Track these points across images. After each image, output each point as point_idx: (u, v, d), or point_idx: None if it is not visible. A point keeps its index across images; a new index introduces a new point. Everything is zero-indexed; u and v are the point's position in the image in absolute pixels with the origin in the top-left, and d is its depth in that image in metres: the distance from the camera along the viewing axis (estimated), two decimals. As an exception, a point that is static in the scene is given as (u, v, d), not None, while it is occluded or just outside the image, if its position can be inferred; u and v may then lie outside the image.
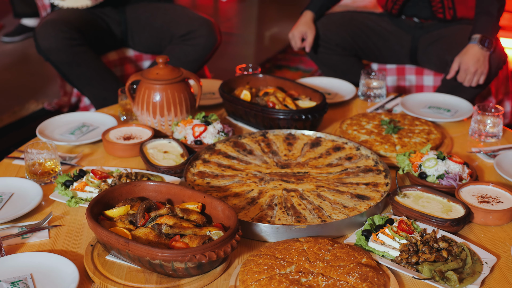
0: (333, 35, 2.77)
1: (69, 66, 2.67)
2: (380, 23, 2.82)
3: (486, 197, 1.71)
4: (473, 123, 2.14)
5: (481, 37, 2.44)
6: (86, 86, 2.75)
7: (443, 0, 2.70)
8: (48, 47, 2.62)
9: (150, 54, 3.06)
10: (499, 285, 1.41)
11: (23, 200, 1.72)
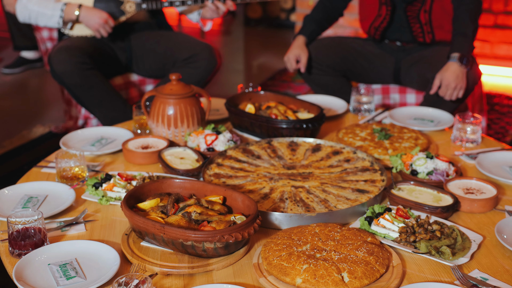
0: (324, 57, 3.00)
1: (81, 88, 2.86)
2: (366, 46, 3.06)
3: (470, 189, 1.92)
4: (455, 130, 2.37)
5: (460, 55, 2.69)
6: (96, 107, 2.94)
7: (422, 26, 2.95)
8: (63, 71, 2.81)
9: (153, 78, 3.27)
10: (485, 259, 1.62)
11: (57, 200, 1.89)
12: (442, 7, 2.92)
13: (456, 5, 2.83)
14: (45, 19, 2.97)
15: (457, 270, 1.54)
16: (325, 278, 1.45)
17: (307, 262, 1.50)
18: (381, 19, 2.98)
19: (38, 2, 2.95)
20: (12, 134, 3.52)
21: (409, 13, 2.93)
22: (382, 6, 2.96)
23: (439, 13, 2.93)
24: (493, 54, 4.78)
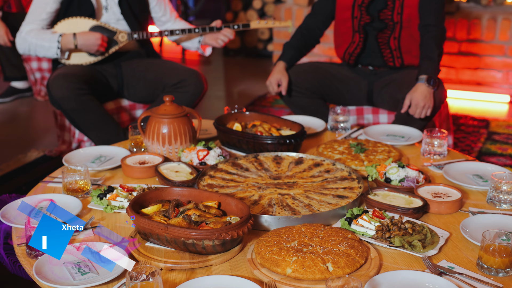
0: (302, 81, 3.21)
1: (78, 112, 3.03)
2: (341, 71, 3.29)
3: (438, 193, 2.13)
4: (424, 144, 2.58)
5: (427, 77, 2.92)
6: (91, 130, 3.10)
7: (392, 51, 3.18)
8: (61, 96, 2.98)
9: (143, 103, 3.45)
10: (452, 251, 1.81)
11: (66, 209, 2.04)
12: (410, 34, 3.16)
13: (423, 32, 3.07)
14: (44, 50, 3.14)
15: (427, 260, 1.74)
16: (312, 268, 1.63)
17: (296, 255, 1.68)
18: (354, 46, 3.21)
19: (36, 34, 3.13)
20: (8, 158, 3.66)
21: (380, 40, 3.16)
22: (355, 34, 3.19)
23: (407, 40, 3.17)
24: (458, 79, 5.04)
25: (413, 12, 3.10)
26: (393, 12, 3.11)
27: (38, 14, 3.18)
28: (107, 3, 3.27)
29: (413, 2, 3.08)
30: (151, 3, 3.42)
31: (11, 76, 4.82)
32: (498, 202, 2.11)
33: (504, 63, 4.91)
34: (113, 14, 3.29)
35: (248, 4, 6.26)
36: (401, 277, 1.65)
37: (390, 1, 3.10)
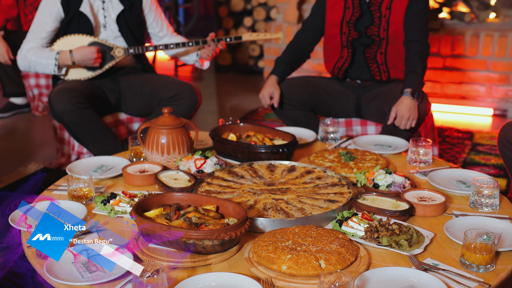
0: (294, 94, 3.32)
1: (78, 125, 3.13)
2: (330, 84, 3.41)
3: (423, 197, 2.24)
4: (410, 153, 2.69)
5: (412, 90, 3.04)
6: (91, 142, 3.20)
7: (379, 66, 3.31)
8: (62, 110, 3.08)
9: (140, 117, 3.55)
10: (436, 250, 1.92)
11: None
12: (396, 49, 3.29)
13: (408, 48, 3.20)
14: (42, 67, 3.25)
15: (413, 258, 1.84)
16: (306, 265, 1.74)
17: (290, 253, 1.78)
18: (343, 60, 3.34)
19: (35, 52, 3.24)
20: (9, 171, 3.75)
21: (367, 55, 3.29)
22: (344, 49, 3.32)
23: (393, 55, 3.30)
24: (443, 93, 5.18)
25: (398, 28, 3.23)
26: (379, 29, 3.24)
27: (38, 32, 3.29)
28: (105, 21, 3.39)
29: (398, 19, 3.22)
30: (148, 20, 3.54)
31: (10, 92, 4.92)
32: (480, 205, 2.22)
33: (487, 78, 5.05)
34: (111, 32, 3.41)
35: (239, 22, 6.39)
36: (389, 273, 1.75)
37: (376, 18, 3.24)
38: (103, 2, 3.37)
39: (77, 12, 3.30)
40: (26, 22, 4.94)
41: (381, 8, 3.23)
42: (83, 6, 3.31)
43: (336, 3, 3.31)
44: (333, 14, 3.32)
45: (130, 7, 3.41)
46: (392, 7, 3.22)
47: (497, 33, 5.00)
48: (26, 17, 4.93)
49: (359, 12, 3.26)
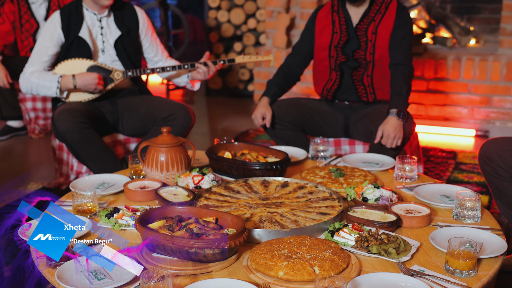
0: (285, 115, 3.45)
1: (80, 144, 3.24)
2: (320, 105, 3.54)
3: (410, 210, 2.36)
4: (396, 170, 2.82)
5: (397, 111, 3.18)
6: (91, 161, 3.30)
7: (366, 88, 3.45)
8: (65, 129, 3.19)
9: (136, 137, 3.66)
10: (422, 257, 2.03)
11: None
12: (381, 72, 3.43)
13: (393, 70, 3.35)
14: (45, 90, 3.36)
15: (401, 265, 1.96)
16: (301, 271, 1.84)
17: (286, 260, 1.89)
18: (332, 83, 3.48)
19: (38, 75, 3.36)
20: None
21: (354, 77, 3.43)
22: (332, 72, 3.46)
23: (379, 77, 3.44)
24: (427, 115, 5.33)
25: (384, 52, 3.38)
26: (366, 52, 3.39)
27: (40, 56, 3.41)
28: (104, 46, 3.51)
29: (384, 43, 3.37)
30: (144, 45, 3.67)
31: (8, 116, 5.02)
32: (463, 217, 2.34)
33: (469, 100, 5.21)
34: (109, 56, 3.53)
35: (229, 47, 6.54)
36: (379, 278, 1.86)
37: (363, 43, 3.39)
38: (102, 28, 3.50)
39: (77, 37, 3.42)
40: (23, 48, 5.05)
41: (367, 33, 3.38)
42: (82, 32, 3.43)
43: (325, 28, 3.46)
44: (322, 38, 3.46)
45: (127, 32, 3.54)
46: (378, 32, 3.37)
47: (477, 57, 5.17)
48: (23, 43, 5.04)
49: (346, 37, 3.41)
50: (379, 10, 3.39)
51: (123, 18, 3.55)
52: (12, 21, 5.01)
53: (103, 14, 3.49)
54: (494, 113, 5.15)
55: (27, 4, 5.01)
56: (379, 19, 3.38)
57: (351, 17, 3.43)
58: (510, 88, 5.06)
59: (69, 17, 3.43)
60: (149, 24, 3.68)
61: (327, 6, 3.52)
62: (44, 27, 3.46)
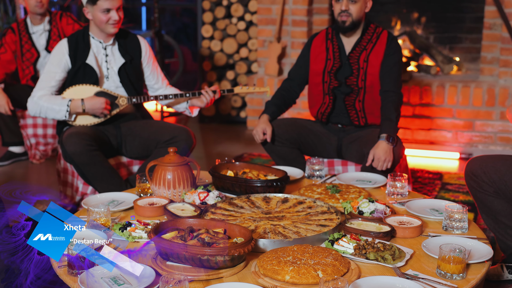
0: (283, 132, 3.61)
1: (87, 166, 3.37)
2: (315, 126, 3.72)
3: (402, 222, 2.52)
4: (388, 186, 2.98)
5: (387, 136, 3.36)
6: (98, 182, 3.44)
7: (357, 112, 3.63)
8: (73, 151, 3.33)
9: (139, 159, 3.80)
10: (416, 263, 2.19)
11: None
12: (372, 98, 3.61)
13: (383, 97, 3.53)
14: (54, 113, 3.51)
15: (397, 269, 2.11)
16: (306, 275, 1.99)
17: (292, 265, 2.04)
18: (325, 106, 3.66)
19: (48, 99, 3.51)
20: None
21: (347, 102, 3.62)
22: (326, 96, 3.65)
23: (370, 103, 3.62)
24: (414, 139, 5.52)
25: (374, 79, 3.57)
26: (358, 79, 3.58)
27: (48, 81, 3.57)
28: (108, 73, 3.67)
29: (375, 71, 3.56)
30: (146, 72, 3.83)
31: (9, 142, 5.14)
32: (452, 228, 2.51)
33: (453, 124, 5.41)
34: (113, 82, 3.69)
35: (222, 75, 6.72)
36: (377, 281, 2.01)
37: (355, 70, 3.58)
38: (106, 56, 3.67)
39: (83, 63, 3.59)
40: (24, 76, 5.20)
41: (359, 60, 3.58)
42: (89, 59, 3.60)
43: (319, 55, 3.65)
44: (316, 64, 3.66)
45: (130, 60, 3.71)
46: (369, 60, 3.56)
47: (460, 84, 5.39)
48: (24, 72, 5.20)
49: (339, 63, 3.61)
50: (371, 39, 3.59)
51: (127, 47, 3.72)
52: (14, 50, 5.16)
53: (108, 42, 3.66)
54: (477, 136, 5.35)
55: (28, 34, 5.17)
56: (371, 48, 3.58)
57: (344, 45, 3.63)
58: (491, 113, 5.28)
59: (76, 45, 3.60)
60: (151, 53, 3.85)
61: (321, 34, 3.72)
62: (52, 53, 3.62)
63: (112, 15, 3.52)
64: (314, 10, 5.99)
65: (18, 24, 5.22)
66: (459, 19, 6.15)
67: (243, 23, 6.44)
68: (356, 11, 3.50)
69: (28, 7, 5.08)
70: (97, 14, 3.52)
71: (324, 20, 5.99)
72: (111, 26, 3.55)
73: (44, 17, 5.17)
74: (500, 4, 5.24)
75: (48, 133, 5.25)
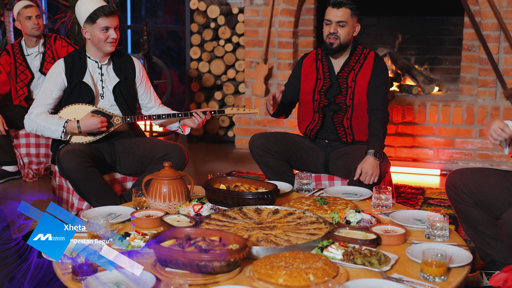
0: (273, 145, 3.73)
1: (83, 182, 3.47)
2: (303, 141, 3.86)
3: (387, 230, 2.64)
4: (374, 199, 3.11)
5: (374, 151, 3.50)
6: (93, 197, 3.53)
7: (345, 130, 3.78)
8: (70, 168, 3.43)
9: (132, 176, 3.91)
10: (400, 268, 2.31)
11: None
12: (359, 116, 3.77)
13: (371, 115, 3.69)
14: (50, 132, 3.62)
15: (383, 273, 2.23)
16: (298, 278, 2.11)
17: (285, 269, 2.15)
18: (314, 123, 3.80)
19: (45, 118, 3.62)
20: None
21: (335, 119, 3.77)
22: (315, 114, 3.80)
23: (357, 120, 3.77)
24: (397, 156, 5.67)
25: (362, 98, 3.73)
26: (346, 98, 3.74)
27: (45, 99, 3.68)
28: (103, 91, 3.80)
29: (362, 90, 3.72)
30: (139, 91, 3.96)
31: (3, 161, 5.22)
32: (434, 236, 2.64)
33: (434, 142, 5.58)
34: (107, 101, 3.81)
35: (210, 96, 6.85)
36: (365, 283, 2.13)
37: (344, 89, 3.74)
38: (102, 75, 3.79)
39: (79, 82, 3.71)
40: (17, 97, 5.31)
41: (347, 80, 3.74)
42: (85, 78, 3.72)
43: (310, 74, 3.81)
44: (307, 83, 3.81)
45: (125, 79, 3.84)
46: (357, 80, 3.73)
47: (441, 103, 5.57)
48: (17, 93, 5.30)
49: (329, 83, 3.76)
50: (359, 60, 3.76)
51: (121, 67, 3.85)
52: (8, 72, 5.27)
53: (104, 62, 3.78)
54: (457, 153, 5.52)
55: (22, 56, 5.29)
56: (358, 68, 3.75)
57: (333, 65, 3.80)
58: (471, 131, 5.45)
59: (73, 64, 3.72)
60: (144, 73, 3.97)
61: (312, 54, 3.89)
62: (49, 72, 3.74)
63: (111, 33, 3.65)
64: (299, 33, 6.17)
65: (13, 46, 5.34)
66: (439, 41, 6.35)
67: (230, 45, 6.60)
68: (344, 34, 3.67)
69: (24, 30, 5.21)
70: (95, 32, 3.65)
71: (309, 42, 6.16)
72: (109, 45, 3.68)
73: (39, 40, 5.30)
74: (478, 26, 5.45)
75: (40, 153, 5.33)
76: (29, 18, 5.21)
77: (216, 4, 6.55)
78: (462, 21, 5.80)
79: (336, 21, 3.66)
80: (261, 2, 6.13)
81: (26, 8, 5.27)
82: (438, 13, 6.27)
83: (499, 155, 5.38)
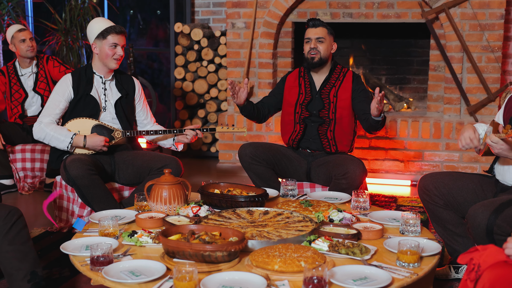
0: (261, 153, 3.99)
1: (88, 188, 3.70)
2: (288, 151, 4.14)
3: (367, 227, 2.92)
4: (353, 201, 3.39)
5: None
6: (96, 203, 3.75)
7: (329, 141, 4.06)
8: (76, 175, 3.65)
9: (130, 186, 4.14)
10: (379, 257, 2.58)
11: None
12: (342, 128, 4.06)
13: (365, 118, 3.93)
14: (57, 142, 3.85)
15: (365, 261, 2.50)
16: (291, 264, 2.37)
17: (279, 257, 2.41)
18: (296, 134, 4.09)
19: (54, 129, 3.85)
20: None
21: (320, 131, 4.06)
22: (296, 125, 4.09)
23: (340, 133, 4.07)
24: (370, 168, 5.97)
25: (344, 112, 4.04)
26: (329, 112, 4.05)
27: (53, 109, 3.93)
28: (106, 105, 4.04)
29: (344, 104, 4.03)
30: (137, 108, 4.21)
31: (0, 175, 5.40)
32: (407, 232, 2.92)
33: (404, 155, 5.90)
34: (109, 114, 4.06)
35: (194, 114, 7.11)
36: (349, 269, 2.40)
37: (326, 104, 4.05)
38: (105, 90, 4.04)
39: (85, 95, 3.96)
40: (12, 115, 5.52)
41: (329, 95, 4.05)
42: (92, 91, 3.98)
43: (292, 89, 4.13)
44: (290, 96, 4.12)
45: (126, 95, 4.09)
46: (338, 95, 4.05)
47: (410, 119, 5.90)
48: (12, 111, 5.52)
49: (310, 97, 4.07)
50: (338, 77, 4.10)
51: (123, 83, 4.11)
52: (4, 91, 5.49)
53: (108, 78, 4.05)
54: (426, 165, 5.84)
55: (16, 76, 5.52)
56: (339, 85, 4.08)
57: (314, 81, 4.11)
58: (438, 144, 5.78)
59: (79, 78, 3.98)
60: (142, 92, 4.24)
61: (295, 72, 4.22)
62: (57, 85, 3.99)
63: (118, 50, 3.93)
64: (279, 54, 6.47)
65: (7, 67, 5.56)
66: (407, 62, 6.72)
67: (213, 66, 6.87)
68: (324, 49, 4.01)
69: (19, 52, 5.44)
70: (104, 48, 3.92)
71: (287, 62, 6.46)
72: (115, 62, 3.95)
73: (32, 61, 5.53)
74: (443, 48, 5.81)
75: (36, 167, 5.52)
76: (23, 41, 5.44)
77: (199, 28, 6.84)
78: (428, 43, 6.16)
79: (315, 38, 4.01)
80: (242, 25, 6.43)
81: (20, 32, 5.50)
82: (406, 36, 6.64)
83: (464, 167, 5.72)
